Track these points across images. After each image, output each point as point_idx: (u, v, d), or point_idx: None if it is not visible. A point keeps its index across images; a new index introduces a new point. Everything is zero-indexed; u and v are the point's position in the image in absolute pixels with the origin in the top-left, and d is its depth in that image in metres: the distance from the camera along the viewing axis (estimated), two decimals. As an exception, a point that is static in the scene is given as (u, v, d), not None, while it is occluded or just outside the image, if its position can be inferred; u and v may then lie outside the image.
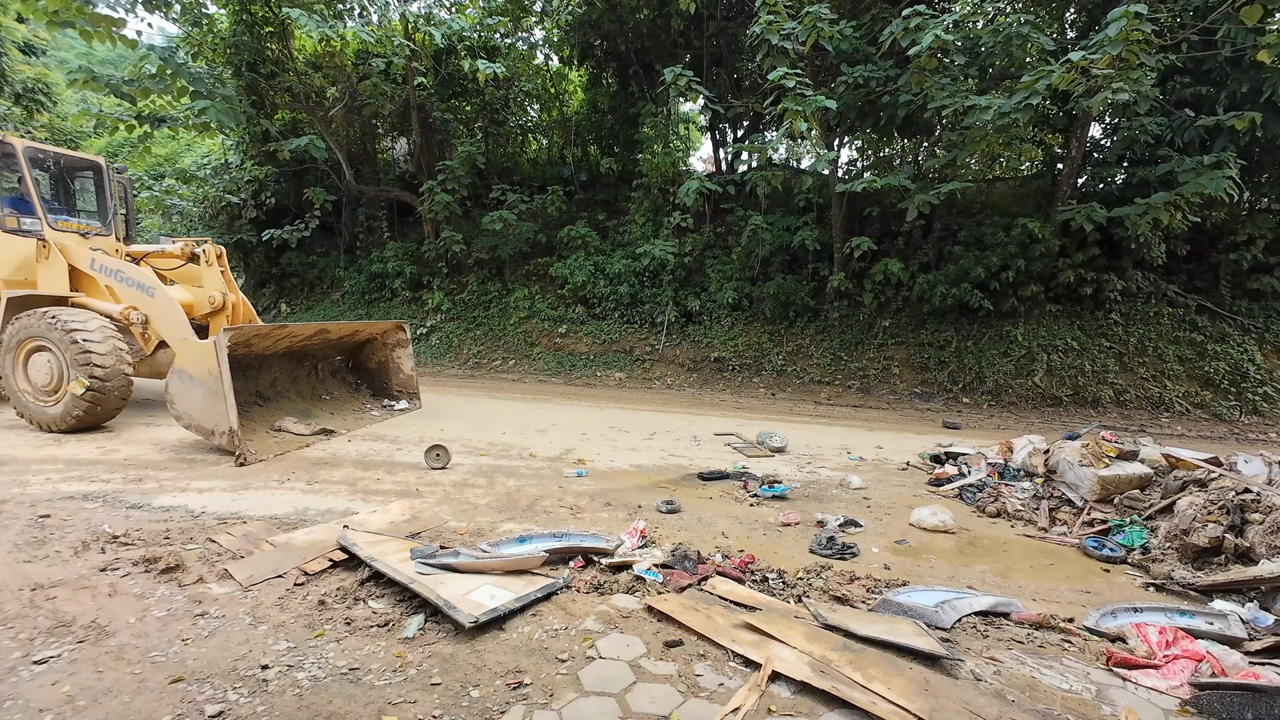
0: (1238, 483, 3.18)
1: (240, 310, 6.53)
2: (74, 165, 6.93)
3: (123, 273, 5.81)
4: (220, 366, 4.75)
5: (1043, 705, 2.07)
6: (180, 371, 5.02)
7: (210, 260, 6.38)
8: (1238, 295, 9.55)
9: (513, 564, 2.97)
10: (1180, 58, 8.07)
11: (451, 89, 13.48)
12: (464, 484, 4.55)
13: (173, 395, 5.05)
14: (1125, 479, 3.96)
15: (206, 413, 4.92)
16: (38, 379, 5.53)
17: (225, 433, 4.85)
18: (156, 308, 5.65)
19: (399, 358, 7.27)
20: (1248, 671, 2.22)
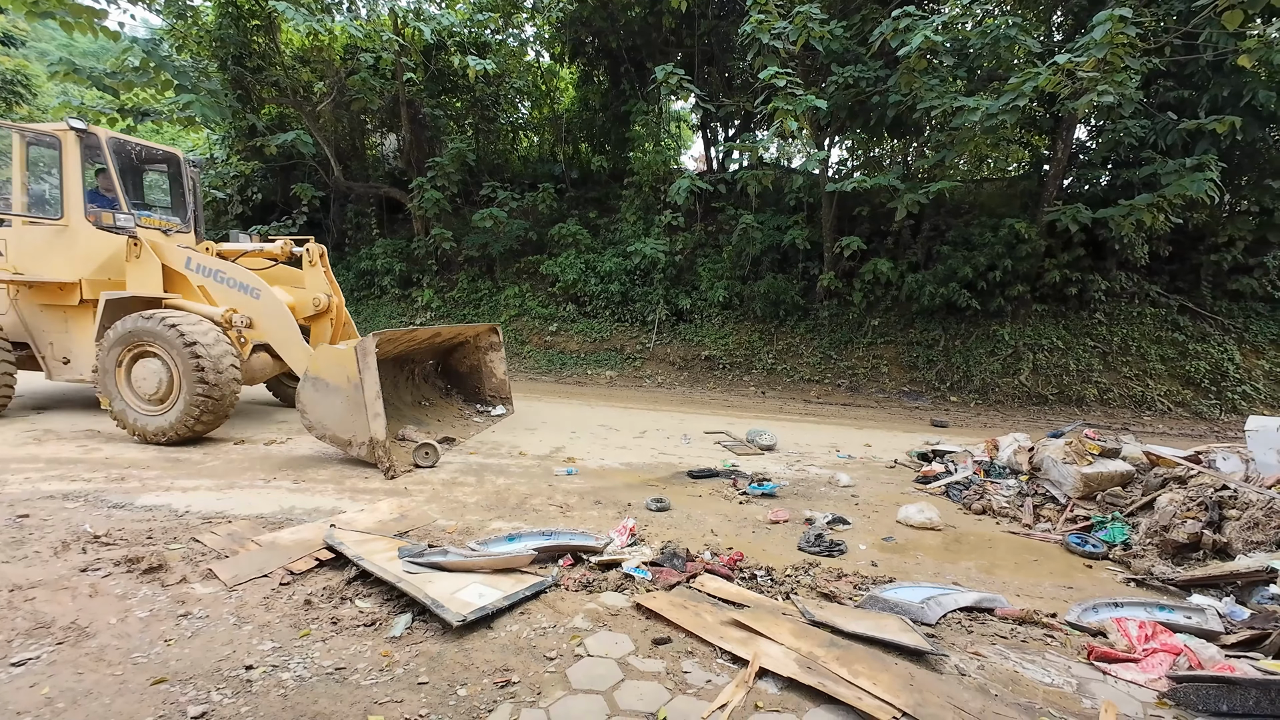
0: (1216, 479, 3.24)
1: (342, 312, 6.34)
2: (152, 157, 6.57)
3: (223, 273, 5.53)
4: (363, 373, 4.43)
5: (1025, 699, 2.10)
6: (315, 379, 4.68)
7: (314, 260, 6.19)
8: (1218, 296, 9.72)
9: (501, 562, 2.96)
10: (1163, 61, 8.19)
11: (441, 85, 13.39)
12: (453, 482, 4.52)
13: (305, 404, 4.72)
14: (1107, 476, 4.02)
15: (344, 422, 4.63)
16: (143, 386, 5.10)
17: (365, 444, 4.56)
18: (262, 310, 5.40)
19: (492, 361, 6.91)
20: (1224, 664, 2.26)
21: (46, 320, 5.88)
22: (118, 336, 5.14)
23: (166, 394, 5.10)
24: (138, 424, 5.13)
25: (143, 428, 5.11)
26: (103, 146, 5.76)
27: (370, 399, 4.46)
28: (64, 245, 5.69)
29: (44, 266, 5.68)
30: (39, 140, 5.72)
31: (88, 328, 5.72)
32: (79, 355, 5.84)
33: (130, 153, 6.25)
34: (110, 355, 5.18)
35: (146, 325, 5.04)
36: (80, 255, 5.71)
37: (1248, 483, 3.11)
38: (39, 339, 5.90)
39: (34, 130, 5.67)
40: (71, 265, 5.69)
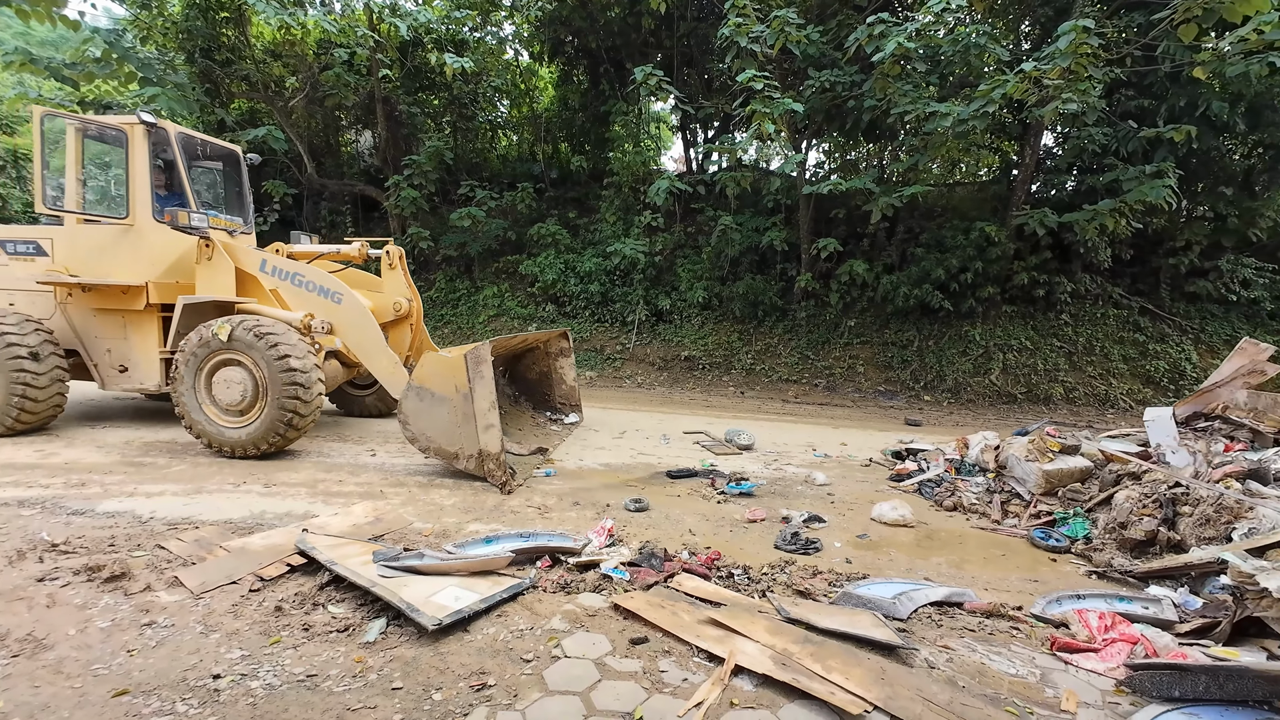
0: (1169, 475, 3.37)
1: (420, 316, 6.15)
2: (214, 154, 6.26)
3: (302, 275, 5.29)
4: (473, 383, 4.22)
5: (991, 690, 2.16)
6: (420, 388, 4.45)
7: (393, 262, 5.96)
8: (1176, 298, 10.11)
9: (478, 565, 2.94)
10: (1124, 71, 8.49)
11: (418, 82, 13.22)
12: (430, 485, 4.47)
13: (408, 414, 4.49)
14: (1067, 472, 4.16)
15: (450, 434, 4.42)
16: (225, 397, 4.86)
17: (473, 456, 4.37)
18: (344, 316, 5.16)
19: (562, 368, 6.67)
20: (1177, 652, 2.36)
21: (102, 325, 5.51)
22: (199, 344, 4.86)
23: (250, 405, 4.85)
24: (217, 436, 4.87)
25: (223, 440, 4.86)
26: (171, 142, 5.50)
27: (483, 409, 4.25)
28: (129, 246, 5.35)
29: (105, 268, 5.33)
30: (103, 134, 5.44)
31: (150, 334, 5.44)
32: (139, 363, 5.50)
33: (196, 149, 5.97)
34: (189, 364, 4.89)
35: (236, 334, 4.79)
36: (147, 257, 5.38)
37: (1197, 478, 3.25)
38: (92, 346, 5.54)
39: (99, 123, 5.38)
40: (138, 267, 5.35)
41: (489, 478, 4.36)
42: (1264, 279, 9.80)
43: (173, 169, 5.63)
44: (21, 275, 5.48)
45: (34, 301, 5.50)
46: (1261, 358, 4.70)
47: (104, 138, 5.54)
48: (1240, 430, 4.51)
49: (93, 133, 5.48)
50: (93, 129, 5.43)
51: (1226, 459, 3.88)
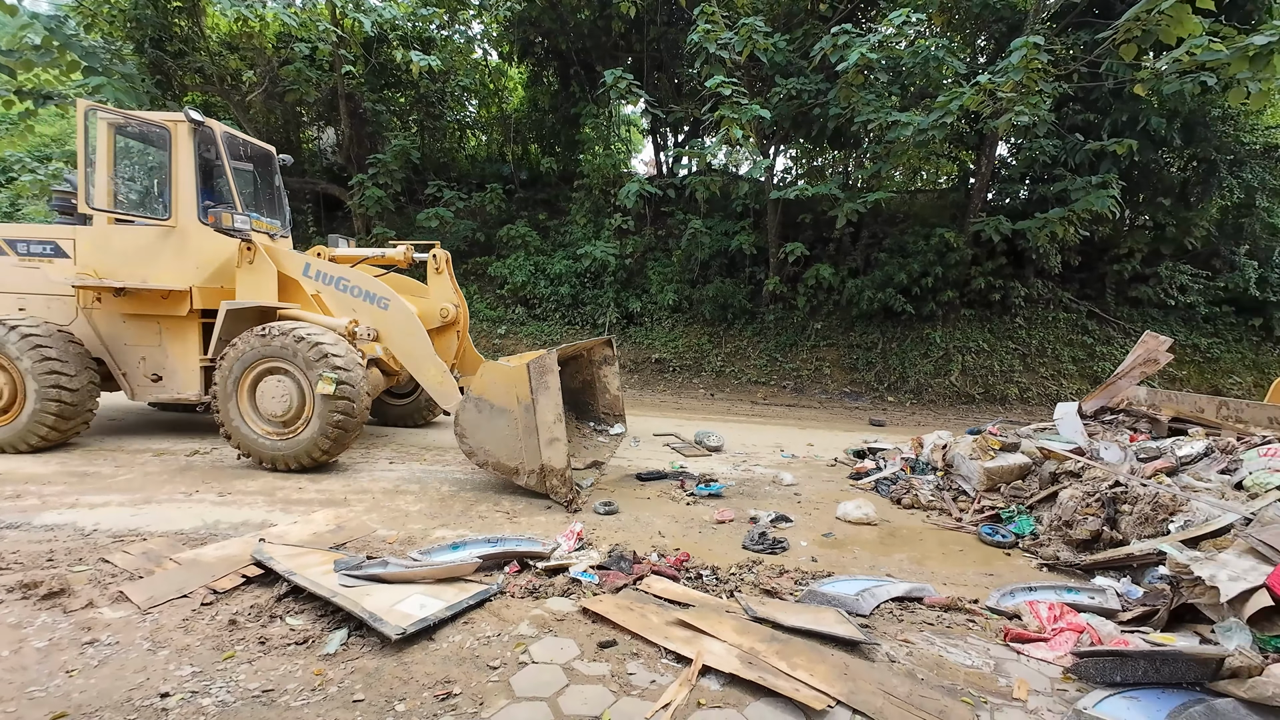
0: (1108, 473, 3.56)
1: (466, 323, 5.92)
2: (253, 155, 5.97)
3: (347, 280, 5.06)
4: (536, 394, 4.02)
5: (948, 681, 2.24)
6: (478, 399, 4.23)
7: (440, 267, 5.75)
8: (1120, 302, 10.65)
9: (444, 572, 2.89)
10: (1072, 87, 8.92)
11: (384, 79, 12.95)
12: (395, 490, 4.38)
13: (466, 427, 4.28)
14: (1007, 469, 4.34)
15: (510, 448, 4.20)
16: (270, 407, 4.62)
17: (534, 471, 4.16)
18: (391, 322, 4.95)
19: (605, 376, 6.44)
20: (1120, 639, 2.48)
21: (134, 333, 5.20)
22: (243, 352, 4.61)
23: (296, 415, 4.62)
24: (261, 449, 4.65)
25: (267, 453, 4.64)
26: (218, 141, 5.25)
27: (546, 422, 4.05)
28: (172, 249, 5.09)
29: (142, 271, 5.05)
30: (145, 132, 5.18)
31: (190, 341, 5.17)
32: (176, 372, 5.21)
33: (239, 148, 5.68)
34: (232, 373, 4.64)
35: (274, 339, 4.56)
36: (192, 260, 5.12)
37: (1132, 474, 3.43)
38: (121, 354, 5.24)
39: (141, 120, 5.09)
40: (181, 271, 5.09)
41: (552, 494, 4.15)
42: (1198, 285, 10.42)
43: (211, 169, 5.39)
44: (37, 278, 5.15)
45: (49, 306, 5.15)
46: (1161, 349, 5.09)
47: (146, 135, 5.30)
48: (1141, 421, 4.87)
49: (134, 130, 5.22)
50: (134, 126, 5.16)
51: (1147, 448, 4.20)
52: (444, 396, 4.80)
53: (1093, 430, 4.87)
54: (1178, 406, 4.88)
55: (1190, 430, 4.55)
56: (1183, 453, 4.03)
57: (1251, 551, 2.67)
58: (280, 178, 6.30)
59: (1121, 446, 4.18)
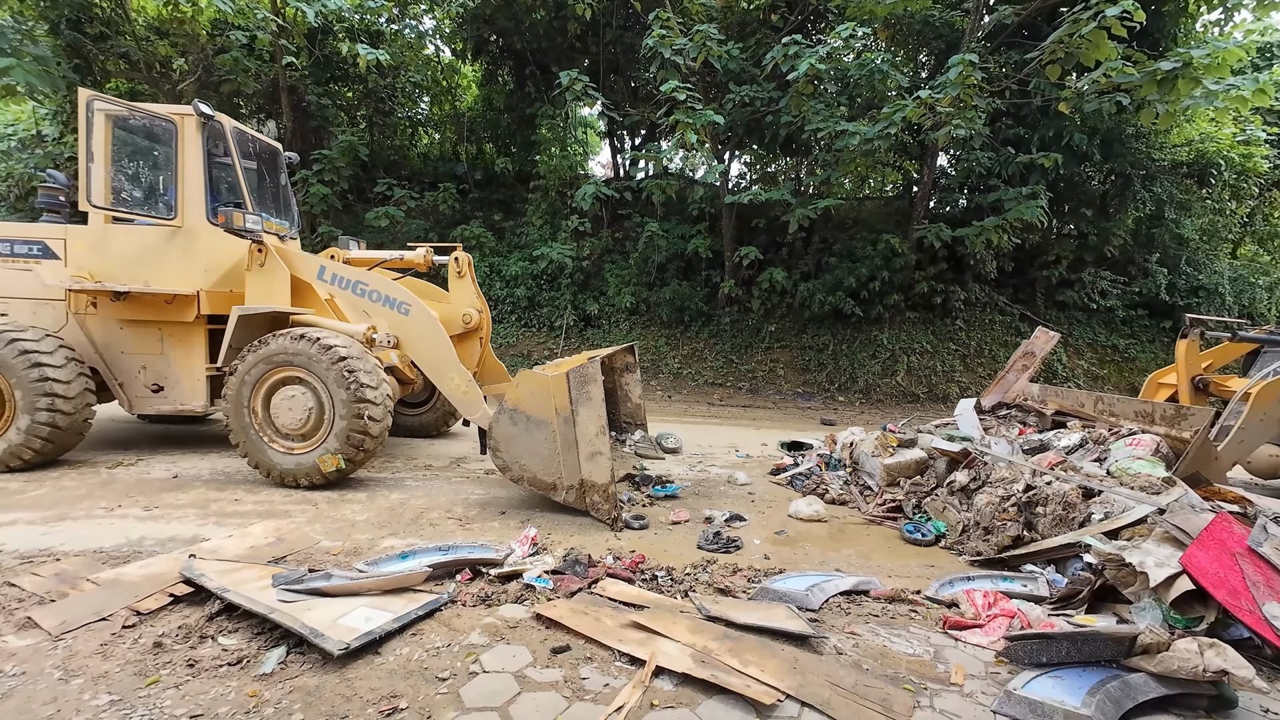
0: (1015, 473, 3.80)
1: (489, 329, 5.67)
2: (260, 151, 5.61)
3: (365, 284, 4.77)
4: (576, 406, 3.82)
5: (891, 670, 2.33)
6: (514, 411, 4.02)
7: (463, 270, 5.48)
8: (1049, 306, 11.35)
9: (392, 582, 2.80)
10: (1004, 103, 9.46)
11: (330, 72, 12.46)
12: (340, 500, 4.21)
13: (500, 440, 4.08)
14: (905, 465, 4.57)
15: (548, 463, 3.98)
16: (286, 419, 4.35)
17: (573, 487, 3.97)
18: (413, 329, 4.67)
19: (628, 384, 6.21)
20: (1046, 622, 2.64)
21: (133, 340, 4.86)
22: (258, 358, 4.32)
23: (314, 428, 4.37)
24: (276, 463, 4.37)
25: (282, 467, 4.36)
26: (227, 137, 4.96)
27: (588, 435, 3.85)
28: (178, 250, 4.79)
29: (143, 274, 4.74)
30: (150, 125, 4.86)
31: (196, 348, 4.86)
32: (179, 381, 4.90)
33: (249, 145, 5.38)
34: (246, 382, 4.35)
35: (291, 346, 4.27)
36: (200, 263, 4.82)
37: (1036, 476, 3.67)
38: (118, 363, 4.89)
39: (146, 112, 4.76)
40: (188, 274, 4.78)
41: (592, 511, 3.96)
42: (1117, 290, 11.22)
43: (216, 165, 5.09)
44: (22, 280, 4.73)
45: (35, 311, 4.78)
46: (1040, 343, 5.57)
47: (150, 129, 4.97)
48: (1030, 415, 5.28)
49: (136, 123, 4.90)
50: (137, 119, 4.84)
51: (1032, 441, 4.55)
52: (468, 407, 4.60)
53: (989, 425, 5.22)
54: (1062, 401, 5.26)
55: (1069, 423, 4.92)
56: (1062, 444, 4.36)
57: (1169, 539, 2.89)
58: (287, 176, 6.03)
59: (1009, 441, 4.51)
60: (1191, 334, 5.55)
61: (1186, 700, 2.17)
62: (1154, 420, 4.37)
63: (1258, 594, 2.63)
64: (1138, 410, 4.58)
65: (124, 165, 5.23)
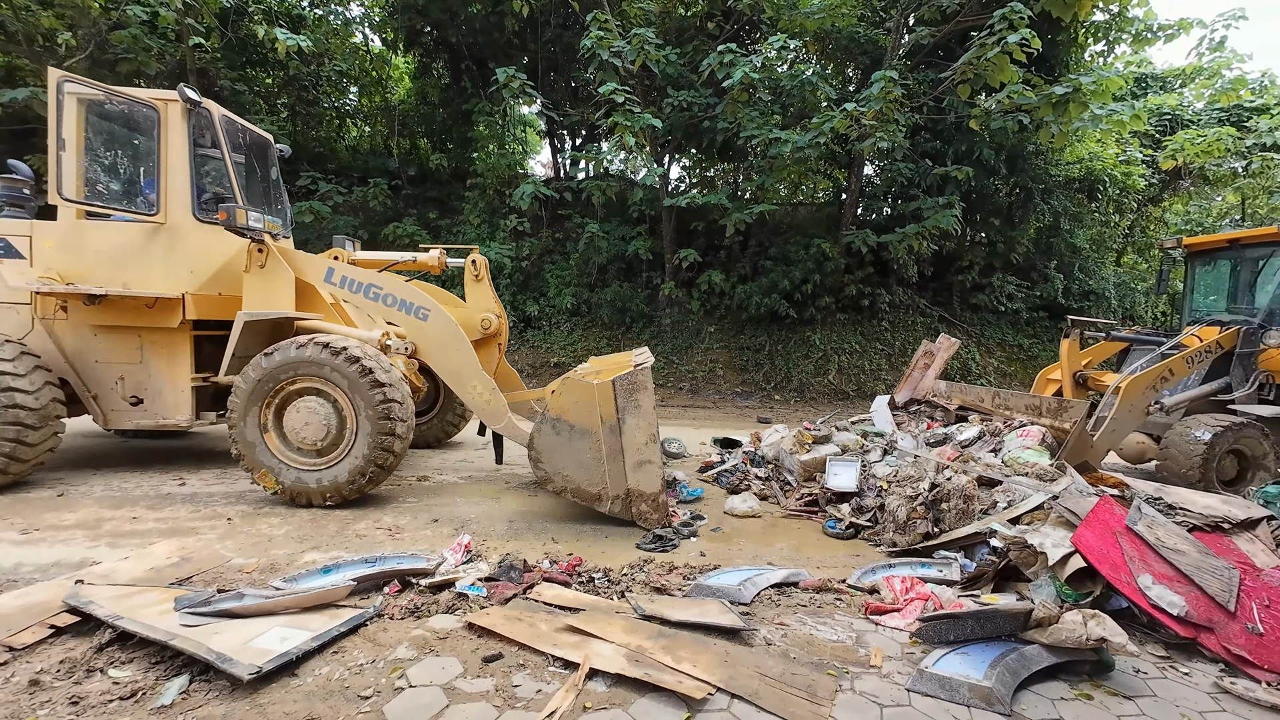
0: (921, 471, 4.08)
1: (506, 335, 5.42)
2: (250, 141, 5.18)
3: (379, 288, 4.44)
4: (623, 414, 3.72)
5: (817, 657, 2.43)
6: (556, 420, 3.83)
7: (480, 273, 5.22)
8: (964, 308, 12.21)
9: (312, 599, 2.65)
10: (923, 118, 10.10)
11: (245, 56, 11.66)
12: (257, 514, 3.94)
13: (541, 450, 3.87)
14: (819, 460, 4.81)
15: (592, 473, 3.83)
16: (303, 433, 4.02)
17: (619, 497, 3.84)
18: (431, 334, 4.39)
19: None
20: (956, 603, 2.84)
21: (108, 347, 4.46)
22: (271, 370, 3.97)
23: (335, 442, 4.06)
24: (292, 482, 4.02)
25: (299, 486, 4.02)
26: (215, 125, 4.58)
27: (637, 444, 3.75)
28: (160, 249, 4.44)
29: (121, 274, 4.37)
30: (130, 111, 4.45)
31: (180, 357, 4.51)
32: (161, 393, 4.52)
33: (238, 135, 4.96)
34: (256, 394, 3.99)
35: (318, 356, 3.94)
36: (185, 263, 4.48)
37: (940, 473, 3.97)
38: (91, 373, 4.47)
39: (123, 96, 4.33)
40: (173, 276, 4.44)
41: (639, 520, 3.89)
42: (1022, 293, 12.21)
43: (201, 156, 4.72)
44: None
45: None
46: (940, 347, 6.08)
47: (129, 116, 4.57)
48: (937, 411, 5.70)
49: (113, 109, 4.51)
50: (114, 103, 4.43)
51: (936, 434, 4.91)
52: (492, 416, 4.41)
53: (900, 420, 5.59)
54: (964, 397, 5.71)
55: (971, 417, 5.35)
56: (962, 437, 4.74)
57: (1063, 522, 3.17)
58: (278, 170, 5.57)
59: (914, 435, 4.85)
60: (1073, 334, 6.11)
61: (1073, 667, 2.39)
62: (1041, 413, 4.79)
63: (1134, 568, 2.93)
64: (1028, 404, 5.00)
65: (100, 155, 4.78)
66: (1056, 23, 8.47)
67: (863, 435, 5.14)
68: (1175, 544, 3.03)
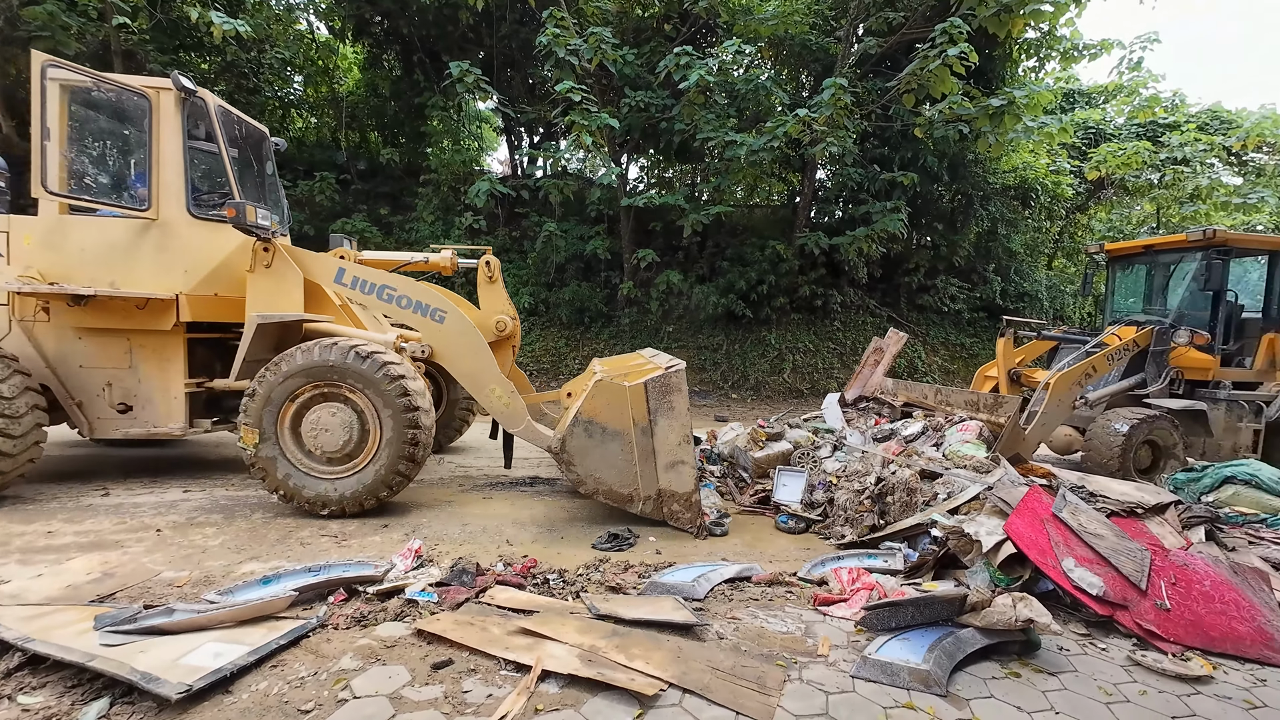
0: (868, 466, 4.26)
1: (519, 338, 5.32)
2: (247, 134, 4.92)
3: (394, 289, 4.31)
4: (655, 416, 3.80)
5: (767, 649, 2.49)
6: (589, 422, 3.85)
7: (494, 275, 5.11)
8: (911, 309, 12.72)
9: (250, 611, 2.53)
10: (871, 125, 10.47)
11: (178, 39, 10.99)
12: (189, 524, 3.73)
13: (574, 453, 3.88)
14: (773, 457, 4.98)
15: (624, 474, 3.89)
16: (323, 440, 3.88)
17: (650, 497, 3.90)
18: (448, 338, 4.29)
19: None
20: (899, 591, 2.96)
21: (94, 352, 4.24)
22: (290, 374, 3.82)
23: (357, 449, 3.94)
24: (311, 492, 3.88)
25: (318, 496, 3.88)
26: (211, 116, 4.37)
27: (669, 444, 3.83)
28: (151, 247, 4.23)
29: (108, 273, 4.16)
30: (119, 99, 4.22)
31: (172, 361, 4.32)
32: (152, 399, 4.31)
33: (234, 126, 4.71)
34: (273, 401, 3.84)
35: (343, 361, 3.81)
36: (179, 262, 4.28)
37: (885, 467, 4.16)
38: (75, 379, 4.23)
39: (112, 83, 4.08)
40: (166, 275, 4.24)
41: (671, 520, 3.94)
42: (963, 295, 12.82)
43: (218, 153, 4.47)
44: None
45: None
46: (889, 342, 6.38)
47: (118, 104, 4.34)
48: (884, 407, 5.97)
49: (101, 96, 4.27)
50: (102, 91, 4.18)
51: (883, 430, 5.14)
52: (511, 420, 4.30)
53: (850, 416, 5.81)
54: (909, 394, 5.99)
55: (915, 413, 5.62)
56: (907, 432, 4.97)
57: (997, 511, 3.35)
58: (274, 165, 5.30)
59: (862, 431, 5.06)
60: (1007, 333, 6.48)
61: (1004, 647, 2.53)
62: (979, 408, 5.06)
63: (1059, 552, 3.13)
64: (967, 400, 5.27)
65: (87, 146, 4.52)
66: (993, 39, 8.94)
67: (814, 432, 5.29)
68: (1095, 529, 3.25)
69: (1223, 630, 2.73)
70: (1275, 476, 4.54)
